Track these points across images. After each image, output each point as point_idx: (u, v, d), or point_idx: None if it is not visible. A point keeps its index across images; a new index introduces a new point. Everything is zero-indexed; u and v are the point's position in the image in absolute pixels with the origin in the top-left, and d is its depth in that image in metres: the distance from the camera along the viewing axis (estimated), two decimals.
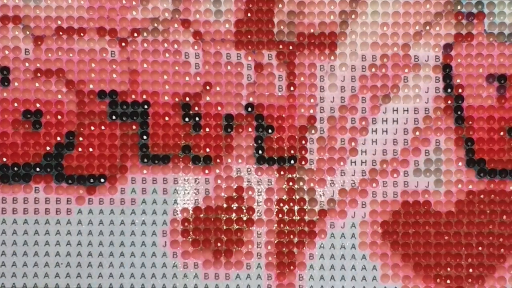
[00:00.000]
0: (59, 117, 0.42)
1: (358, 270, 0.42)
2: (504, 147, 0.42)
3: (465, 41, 0.42)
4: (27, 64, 0.42)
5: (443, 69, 0.42)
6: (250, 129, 0.42)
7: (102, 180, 0.42)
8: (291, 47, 0.42)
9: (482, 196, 0.42)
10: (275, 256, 0.42)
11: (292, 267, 0.42)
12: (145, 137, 0.42)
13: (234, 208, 0.42)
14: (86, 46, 0.42)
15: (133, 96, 0.42)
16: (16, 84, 0.42)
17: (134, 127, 0.42)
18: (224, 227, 0.42)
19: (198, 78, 0.42)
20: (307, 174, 0.42)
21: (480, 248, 0.41)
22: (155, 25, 0.42)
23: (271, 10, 0.42)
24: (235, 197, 0.42)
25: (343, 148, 0.42)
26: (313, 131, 0.42)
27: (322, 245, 0.42)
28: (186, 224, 0.42)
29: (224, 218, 0.42)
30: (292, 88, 0.42)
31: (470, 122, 0.42)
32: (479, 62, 0.42)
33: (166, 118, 0.42)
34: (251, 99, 0.42)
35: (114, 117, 0.42)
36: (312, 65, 0.42)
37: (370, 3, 0.42)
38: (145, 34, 0.42)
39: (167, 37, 0.42)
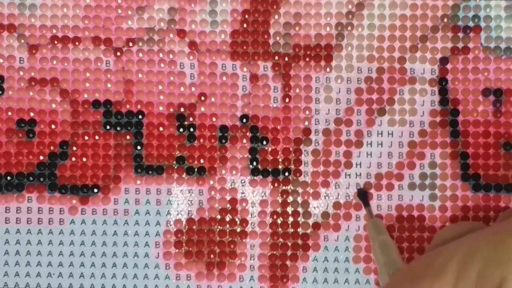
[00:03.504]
0: (53, 126, 0.42)
1: (352, 283, 0.41)
2: (500, 161, 0.41)
3: (461, 54, 0.42)
4: (21, 73, 0.42)
5: (439, 82, 0.42)
6: (244, 141, 0.42)
7: (96, 190, 0.42)
8: (286, 59, 0.42)
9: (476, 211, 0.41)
10: (268, 268, 0.42)
11: (285, 280, 0.41)
12: (139, 147, 0.42)
13: (228, 220, 0.42)
14: (81, 55, 0.42)
15: (128, 106, 0.42)
16: (10, 93, 0.42)
17: (128, 137, 0.42)
18: (218, 239, 0.42)
19: (193, 89, 0.42)
20: (301, 186, 0.42)
21: None
22: (151, 35, 0.42)
23: (267, 21, 0.42)
24: (229, 209, 0.42)
25: (337, 160, 0.42)
26: (308, 143, 0.42)
27: (315, 258, 0.42)
28: (179, 235, 0.42)
29: (218, 229, 0.42)
30: (287, 100, 0.42)
31: (466, 137, 0.42)
32: (475, 76, 0.42)
33: (161, 129, 0.42)
34: (246, 110, 0.42)
35: (108, 127, 0.42)
36: (307, 77, 0.42)
37: (367, 16, 0.42)
38: (140, 43, 0.42)
39: (163, 47, 0.42)
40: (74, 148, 0.42)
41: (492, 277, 0.29)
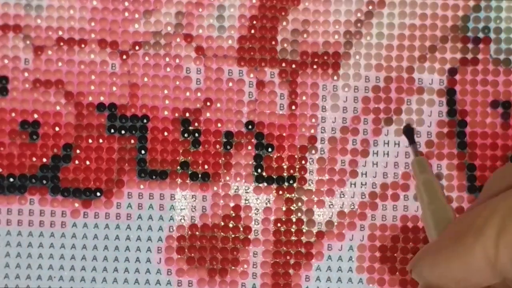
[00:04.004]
0: (57, 128, 0.41)
1: None
2: None
3: (470, 65, 0.42)
4: (26, 74, 0.42)
5: (447, 93, 0.42)
6: (249, 147, 0.42)
7: (98, 194, 0.41)
8: (294, 66, 0.42)
9: None
10: (270, 276, 0.41)
11: None
12: (143, 151, 0.41)
13: (231, 226, 0.41)
14: (86, 58, 0.42)
15: (133, 110, 0.42)
16: (14, 94, 0.41)
17: (132, 141, 0.41)
18: (220, 246, 0.41)
19: (198, 94, 0.42)
20: (306, 194, 0.41)
21: None
22: (157, 39, 0.42)
23: (275, 28, 0.42)
24: (232, 216, 0.41)
25: (343, 169, 0.42)
26: (313, 151, 0.42)
27: (318, 267, 0.41)
28: (181, 241, 0.41)
29: (221, 236, 0.41)
30: (293, 107, 0.42)
31: (473, 148, 0.41)
32: (484, 88, 0.42)
33: (165, 133, 0.42)
34: (251, 116, 0.42)
35: (112, 131, 0.41)
36: (314, 85, 0.42)
37: (376, 24, 0.42)
38: (146, 47, 0.42)
39: (169, 51, 0.42)
40: (78, 151, 0.41)
41: None
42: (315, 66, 0.42)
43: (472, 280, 0.31)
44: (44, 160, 0.41)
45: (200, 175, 0.41)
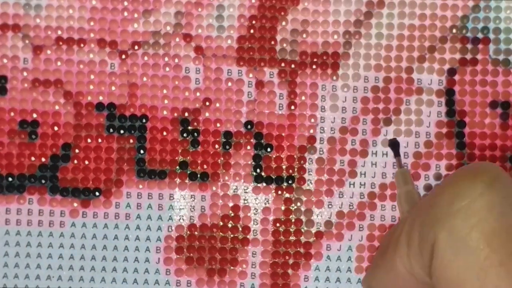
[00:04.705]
0: (55, 128, 0.41)
1: None
2: None
3: (469, 66, 0.42)
4: (25, 74, 0.42)
5: (446, 93, 0.42)
6: (248, 147, 0.42)
7: (97, 193, 0.41)
8: (293, 66, 0.42)
9: None
10: (269, 276, 0.41)
11: None
12: (142, 151, 0.41)
13: (230, 226, 0.41)
14: (85, 57, 0.42)
15: (132, 110, 0.42)
16: (13, 93, 0.41)
17: (131, 141, 0.41)
18: (219, 246, 0.41)
19: (198, 94, 0.42)
20: (305, 194, 0.41)
21: None
22: (156, 38, 0.42)
23: (274, 28, 0.42)
24: (231, 216, 0.41)
25: (342, 169, 0.42)
26: (312, 152, 0.42)
27: (317, 267, 0.41)
28: (180, 241, 0.41)
29: (219, 236, 0.41)
30: (292, 107, 0.42)
31: (472, 149, 0.41)
32: (483, 88, 0.42)
33: (164, 133, 0.42)
34: (250, 116, 0.42)
35: (111, 130, 0.41)
36: (313, 85, 0.42)
37: (375, 25, 0.42)
38: (146, 47, 0.42)
39: (168, 51, 0.42)
40: (77, 151, 0.41)
41: (428, 238, 0.29)
42: (314, 66, 0.42)
43: None
44: (43, 159, 0.41)
45: (199, 175, 0.41)
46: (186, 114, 0.42)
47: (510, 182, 0.28)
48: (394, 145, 0.41)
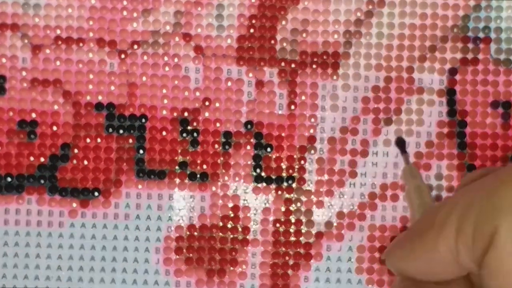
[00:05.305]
0: (54, 128, 0.41)
1: None
2: None
3: (470, 65, 0.41)
4: (24, 73, 0.41)
5: (447, 93, 0.41)
6: (248, 147, 0.41)
7: (96, 193, 0.41)
8: (293, 65, 0.42)
9: None
10: (269, 277, 0.41)
11: None
12: (141, 151, 0.41)
13: (230, 227, 0.41)
14: (84, 57, 0.42)
15: (131, 109, 0.41)
16: (12, 93, 0.41)
17: (130, 140, 0.41)
18: (219, 246, 0.41)
19: (197, 93, 0.42)
20: (305, 195, 0.41)
21: None
22: (156, 38, 0.42)
23: (274, 27, 0.42)
24: (231, 216, 0.41)
25: (342, 170, 0.41)
26: (312, 152, 0.41)
27: (317, 268, 0.41)
28: (180, 241, 0.41)
29: (219, 236, 0.41)
30: (292, 107, 0.41)
31: (473, 149, 0.41)
32: (484, 88, 0.41)
33: (164, 133, 0.41)
34: (250, 116, 0.42)
35: (110, 130, 0.41)
36: (314, 85, 0.42)
37: (375, 24, 0.42)
38: (145, 46, 0.42)
39: (168, 50, 0.42)
40: (76, 151, 0.41)
41: (485, 228, 0.28)
42: (314, 66, 0.42)
43: (438, 272, 0.31)
44: (42, 159, 0.41)
45: (198, 175, 0.41)
46: (186, 114, 0.41)
47: None
48: (400, 142, 0.41)
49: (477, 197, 0.30)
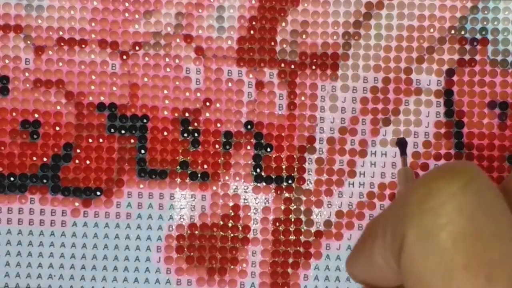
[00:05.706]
0: (57, 128, 0.42)
1: None
2: (504, 175, 0.41)
3: (467, 66, 0.42)
4: (27, 74, 0.42)
5: (445, 94, 0.42)
6: (248, 147, 0.42)
7: (98, 193, 0.42)
8: (293, 66, 0.42)
9: None
10: (269, 275, 0.41)
11: None
12: (143, 151, 0.42)
13: (230, 226, 0.42)
14: (87, 58, 0.42)
15: (133, 110, 0.42)
16: (15, 93, 0.42)
17: (132, 141, 0.42)
18: (219, 245, 0.42)
19: (198, 94, 0.42)
20: (304, 194, 0.42)
21: None
22: (157, 39, 0.42)
23: (274, 29, 0.42)
24: (231, 215, 0.42)
25: (341, 169, 0.42)
26: (312, 152, 0.42)
27: (317, 267, 0.42)
28: (181, 240, 0.41)
29: (220, 235, 0.42)
30: (292, 108, 0.42)
31: (470, 149, 0.42)
32: (481, 89, 0.42)
33: (165, 133, 0.42)
34: (251, 116, 0.42)
35: (112, 130, 0.42)
36: (313, 85, 0.42)
37: (374, 26, 0.42)
38: (146, 48, 0.42)
39: (169, 51, 0.42)
40: (78, 151, 0.42)
41: (398, 233, 0.29)
42: (314, 67, 0.42)
43: (385, 278, 0.32)
44: (45, 159, 0.42)
45: (199, 175, 0.42)
46: (187, 114, 0.42)
47: (486, 184, 0.29)
48: (402, 144, 0.41)
49: (396, 204, 0.31)
